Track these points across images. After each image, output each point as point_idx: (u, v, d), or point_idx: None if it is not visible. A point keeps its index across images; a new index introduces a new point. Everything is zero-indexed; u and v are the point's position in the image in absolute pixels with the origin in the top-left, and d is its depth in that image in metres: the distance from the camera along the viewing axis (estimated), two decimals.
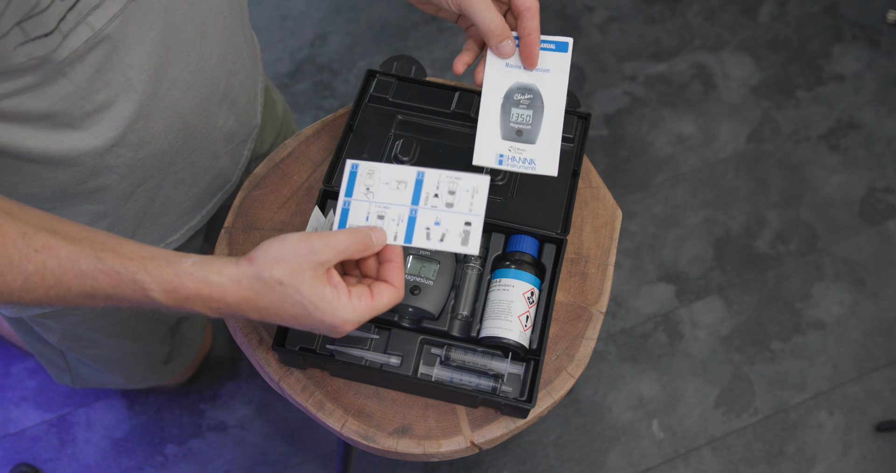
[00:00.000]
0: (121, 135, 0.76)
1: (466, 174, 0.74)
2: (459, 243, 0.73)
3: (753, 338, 1.62)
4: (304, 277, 0.63)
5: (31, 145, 0.72)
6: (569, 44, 0.82)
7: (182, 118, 0.82)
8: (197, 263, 0.63)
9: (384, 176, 0.74)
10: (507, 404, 0.82)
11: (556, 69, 0.82)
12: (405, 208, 0.73)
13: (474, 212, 0.73)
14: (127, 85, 0.73)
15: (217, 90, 0.85)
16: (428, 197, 0.74)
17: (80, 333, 1.08)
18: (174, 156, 0.86)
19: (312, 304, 0.63)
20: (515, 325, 0.83)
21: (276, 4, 1.94)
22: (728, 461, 1.53)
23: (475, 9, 0.76)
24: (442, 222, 0.73)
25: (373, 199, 0.74)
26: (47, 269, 0.60)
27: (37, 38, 0.62)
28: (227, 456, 1.52)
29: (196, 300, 0.63)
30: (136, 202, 0.87)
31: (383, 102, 0.95)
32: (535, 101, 0.82)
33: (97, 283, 0.61)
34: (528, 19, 0.78)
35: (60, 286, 0.61)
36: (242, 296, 0.63)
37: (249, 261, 0.63)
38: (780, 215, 1.73)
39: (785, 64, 1.89)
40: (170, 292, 0.62)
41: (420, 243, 0.72)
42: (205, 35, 0.79)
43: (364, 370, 0.84)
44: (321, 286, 0.63)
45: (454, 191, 0.74)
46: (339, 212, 0.73)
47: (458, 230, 0.73)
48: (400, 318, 0.87)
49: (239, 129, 0.95)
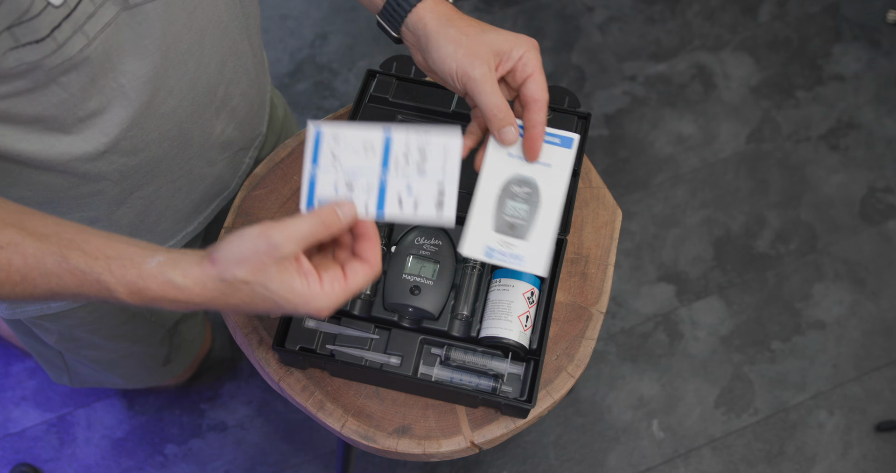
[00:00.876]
0: (113, 141, 0.75)
1: (437, 131, 0.69)
2: (434, 209, 0.68)
3: (753, 338, 1.62)
4: (269, 273, 0.61)
5: (21, 148, 0.71)
6: (574, 140, 0.79)
7: (178, 126, 0.81)
8: (162, 263, 0.61)
9: (350, 139, 0.69)
10: (507, 404, 0.82)
11: (558, 165, 0.78)
12: (374, 176, 0.69)
13: (448, 174, 0.69)
14: (120, 92, 0.72)
15: (214, 99, 0.84)
16: (398, 161, 0.69)
17: (77, 335, 1.08)
18: (169, 163, 0.85)
19: (282, 298, 0.62)
20: (515, 325, 0.83)
21: (276, 4, 1.94)
22: (728, 461, 1.53)
23: (480, 90, 0.73)
24: (414, 187, 0.69)
25: (340, 167, 0.69)
26: (12, 266, 0.60)
27: (28, 43, 0.62)
28: (227, 456, 1.52)
29: (161, 301, 0.62)
30: (131, 209, 0.87)
31: (383, 102, 0.95)
32: (532, 195, 0.78)
33: (62, 282, 0.61)
34: (535, 111, 0.74)
35: (26, 284, 0.61)
36: (208, 297, 0.62)
37: (212, 262, 0.61)
38: (780, 215, 1.73)
39: (785, 64, 1.89)
40: (134, 294, 0.61)
41: (393, 214, 0.68)
42: (203, 44, 0.78)
43: (364, 370, 0.84)
44: (289, 279, 0.62)
45: (424, 151, 0.69)
46: (305, 184, 0.69)
47: (433, 197, 0.68)
48: (400, 318, 0.87)
49: (239, 137, 0.94)
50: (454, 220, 0.68)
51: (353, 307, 0.86)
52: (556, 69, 1.87)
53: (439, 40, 0.74)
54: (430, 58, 0.75)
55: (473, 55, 0.73)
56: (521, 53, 0.74)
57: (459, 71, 0.73)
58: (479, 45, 0.73)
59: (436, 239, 0.87)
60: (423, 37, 0.75)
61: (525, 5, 1.92)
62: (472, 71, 0.72)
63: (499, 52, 0.74)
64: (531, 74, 0.74)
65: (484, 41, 0.73)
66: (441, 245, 0.87)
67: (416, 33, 0.76)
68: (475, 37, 0.73)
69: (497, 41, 0.74)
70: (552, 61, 1.87)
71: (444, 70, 0.74)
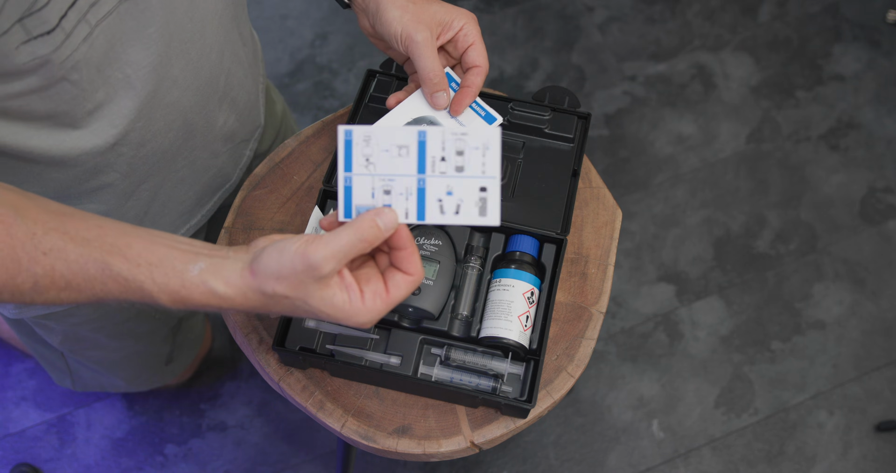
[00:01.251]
0: (122, 133, 0.76)
1: (474, 129, 0.67)
2: (477, 213, 0.66)
3: (753, 338, 1.62)
4: (309, 290, 0.61)
5: (33, 145, 0.72)
6: (497, 120, 0.83)
7: (183, 116, 0.82)
8: (204, 271, 0.61)
9: (383, 142, 0.67)
10: (507, 404, 0.82)
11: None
12: (412, 179, 0.66)
13: (488, 174, 0.66)
14: (126, 82, 0.73)
15: (217, 89, 0.85)
16: (435, 162, 0.66)
17: (81, 334, 1.08)
18: (175, 154, 0.86)
19: (324, 313, 0.62)
20: (515, 325, 0.83)
21: (276, 4, 1.94)
22: (728, 461, 1.53)
23: (420, 54, 0.78)
24: (454, 190, 0.66)
25: (375, 171, 0.66)
26: (56, 272, 0.60)
27: (39, 36, 0.62)
28: (227, 456, 1.52)
29: (206, 308, 0.63)
30: (138, 201, 0.88)
31: (384, 102, 0.95)
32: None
33: (106, 288, 0.61)
34: (474, 75, 0.81)
35: (71, 289, 0.61)
36: (253, 305, 0.63)
37: (252, 273, 0.61)
38: (780, 215, 1.73)
39: (785, 64, 1.89)
40: (178, 302, 0.62)
41: (434, 220, 0.66)
42: (204, 33, 0.79)
43: (364, 370, 0.84)
44: (329, 296, 0.62)
45: (462, 151, 0.66)
46: (341, 191, 0.66)
47: (474, 199, 0.66)
48: (400, 318, 0.87)
49: (240, 128, 0.95)
50: (499, 221, 0.66)
51: None
52: (556, 69, 1.87)
53: (388, 5, 0.79)
54: (378, 21, 0.80)
55: (418, 21, 0.78)
56: (461, 24, 0.80)
57: (403, 34, 0.78)
58: (423, 13, 0.79)
59: (436, 239, 0.87)
60: (374, 2, 0.80)
61: (525, 5, 1.92)
62: (415, 35, 0.78)
63: (441, 22, 0.80)
64: (472, 43, 0.81)
65: (428, 10, 0.80)
66: (441, 245, 0.87)
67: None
68: (421, 6, 0.80)
69: (440, 12, 0.80)
70: (552, 61, 1.87)
71: (389, 32, 0.79)
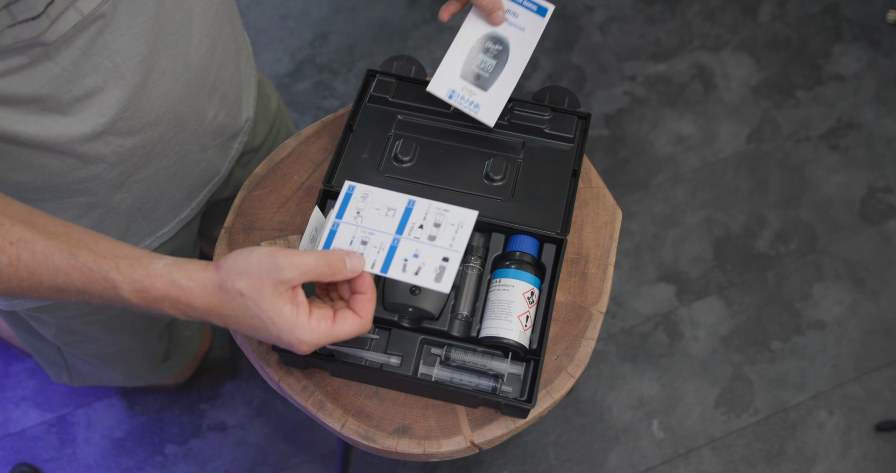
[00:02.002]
0: (110, 122, 0.77)
1: (455, 208, 0.74)
2: (433, 279, 0.71)
3: (753, 338, 1.62)
4: (264, 292, 0.63)
5: (19, 130, 0.72)
6: (548, 10, 0.89)
7: (173, 108, 0.82)
8: (168, 265, 0.63)
9: (376, 201, 0.75)
10: (507, 404, 0.82)
11: (530, 30, 0.89)
12: (388, 237, 0.73)
13: (454, 248, 0.73)
14: (115, 71, 0.73)
15: (206, 82, 0.86)
16: (413, 227, 0.74)
17: (75, 327, 1.08)
18: (165, 147, 0.86)
19: (270, 319, 0.64)
20: (515, 325, 0.83)
21: (276, 4, 1.94)
22: (728, 461, 1.53)
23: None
24: (421, 254, 0.73)
25: (360, 223, 0.74)
26: (21, 262, 0.61)
27: (24, 21, 0.63)
28: (227, 456, 1.52)
29: (164, 302, 0.63)
30: (128, 194, 0.88)
31: (383, 102, 0.95)
32: (502, 53, 0.89)
33: (69, 278, 0.62)
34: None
35: (33, 279, 0.62)
36: (208, 302, 0.64)
37: (217, 268, 0.64)
38: (780, 215, 1.73)
39: (785, 64, 1.89)
40: (139, 292, 0.63)
41: (395, 275, 0.71)
42: (192, 25, 0.79)
43: (364, 370, 0.84)
44: (280, 304, 0.63)
45: (440, 224, 0.74)
46: (325, 232, 0.73)
47: (435, 265, 0.72)
48: (400, 318, 0.87)
49: (230, 122, 0.96)
50: (448, 290, 0.71)
51: None
52: (556, 69, 1.87)
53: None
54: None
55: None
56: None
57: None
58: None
59: None
60: None
61: None
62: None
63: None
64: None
65: None
66: None
67: None
68: None
69: None
70: (552, 61, 1.87)
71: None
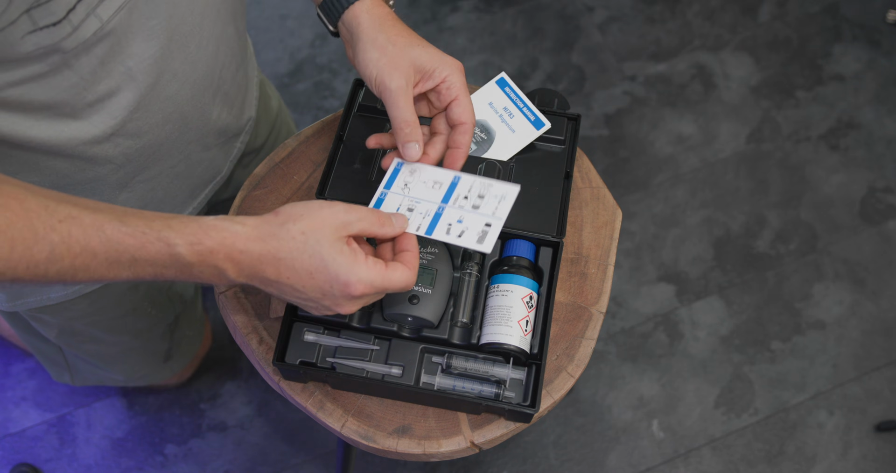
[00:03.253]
0: (119, 124, 0.77)
1: (499, 182, 0.76)
2: (476, 240, 0.74)
3: (753, 338, 1.62)
4: (325, 232, 0.65)
5: (32, 135, 0.72)
6: (545, 126, 0.92)
7: (179, 109, 0.82)
8: (221, 217, 0.65)
9: (424, 175, 0.77)
10: (510, 410, 0.82)
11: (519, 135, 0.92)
12: (433, 205, 0.76)
13: (497, 216, 0.75)
14: (128, 75, 0.73)
15: (212, 82, 0.86)
16: (458, 198, 0.76)
17: (77, 328, 1.08)
18: (170, 147, 0.86)
19: (331, 255, 0.65)
20: (515, 330, 0.83)
21: (276, 4, 1.94)
22: (728, 461, 1.53)
23: (392, 103, 0.75)
24: (464, 220, 0.75)
25: (408, 193, 0.77)
26: (72, 237, 0.60)
27: (45, 27, 0.63)
28: (227, 456, 1.52)
29: (219, 252, 0.64)
30: (133, 194, 0.88)
31: (372, 110, 0.95)
32: (484, 143, 0.92)
33: (122, 246, 0.61)
34: (460, 134, 0.77)
35: (86, 254, 0.61)
36: (263, 246, 0.64)
37: (275, 214, 0.66)
38: (780, 215, 1.73)
39: (785, 64, 1.89)
40: (194, 246, 0.63)
41: (439, 236, 0.74)
42: (203, 27, 0.79)
43: (366, 382, 0.83)
44: (340, 244, 0.65)
45: (483, 195, 0.76)
46: (373, 201, 0.76)
47: (478, 229, 0.75)
48: (399, 328, 0.86)
49: (233, 122, 0.96)
50: (490, 251, 0.74)
51: (352, 319, 0.86)
52: (556, 69, 1.87)
53: (366, 44, 0.76)
54: (356, 59, 0.77)
55: (394, 66, 0.75)
56: (444, 75, 0.76)
57: (378, 79, 0.75)
58: (402, 58, 0.75)
59: (432, 247, 0.87)
60: (355, 36, 0.78)
61: (525, 5, 1.92)
62: (389, 82, 0.74)
63: (420, 70, 0.76)
64: (456, 98, 0.77)
65: (408, 55, 0.75)
66: (438, 253, 0.86)
67: (350, 30, 0.79)
68: (401, 48, 0.75)
69: (422, 58, 0.76)
70: (552, 61, 1.87)
71: (364, 74, 0.77)
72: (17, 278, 0.60)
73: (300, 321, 0.87)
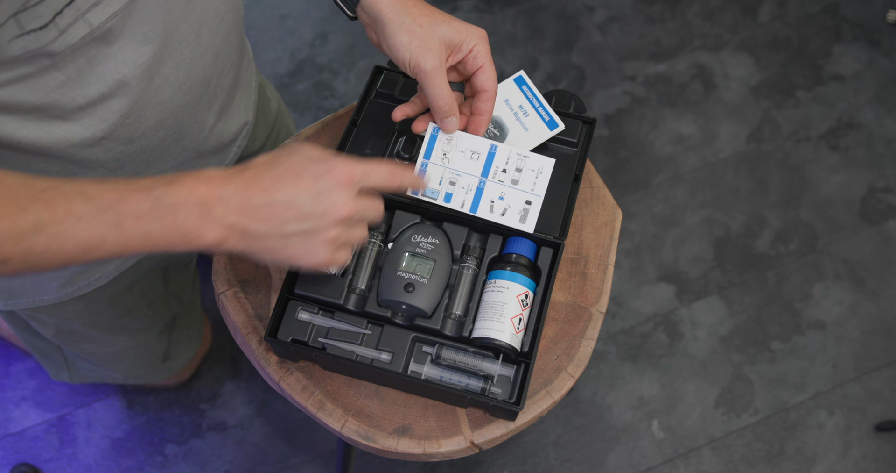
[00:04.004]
0: (111, 128, 0.76)
1: (534, 155, 0.82)
2: (518, 219, 0.82)
3: (753, 338, 1.62)
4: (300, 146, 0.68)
5: (21, 136, 0.72)
6: (558, 127, 0.91)
7: (173, 116, 0.82)
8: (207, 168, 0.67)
9: (461, 144, 0.82)
10: (495, 405, 0.82)
11: (532, 134, 0.91)
12: (475, 179, 0.81)
13: (536, 192, 0.81)
14: (119, 79, 0.73)
15: (208, 89, 0.86)
16: (497, 171, 0.82)
17: (74, 327, 1.08)
18: (163, 153, 0.86)
19: (308, 150, 0.68)
20: (508, 327, 0.83)
21: (276, 4, 1.94)
22: (728, 461, 1.53)
23: (429, 83, 0.78)
24: (506, 197, 0.82)
25: (448, 164, 0.82)
26: (55, 202, 0.60)
27: (32, 31, 0.63)
28: (227, 456, 1.52)
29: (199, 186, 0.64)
30: None
31: (389, 98, 0.95)
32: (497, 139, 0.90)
33: (104, 204, 0.61)
34: (483, 101, 0.81)
35: (71, 218, 0.61)
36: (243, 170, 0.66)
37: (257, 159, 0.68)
38: (780, 215, 1.73)
39: (785, 64, 1.89)
40: (172, 184, 0.63)
41: (483, 214, 0.80)
42: (200, 35, 0.79)
43: (355, 365, 0.84)
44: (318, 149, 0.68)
45: (521, 169, 0.82)
46: (416, 171, 0.80)
47: (519, 208, 0.82)
48: (393, 315, 0.87)
49: (229, 129, 0.96)
50: (533, 230, 0.81)
51: (347, 301, 0.87)
52: (556, 69, 1.87)
53: (394, 29, 0.78)
54: (386, 43, 0.79)
55: (426, 48, 0.77)
56: (471, 46, 0.80)
57: (412, 62, 0.78)
58: (431, 38, 0.77)
59: (433, 237, 0.87)
60: (379, 22, 0.79)
61: (525, 5, 1.92)
62: (424, 64, 0.77)
63: (450, 45, 0.79)
64: (482, 66, 0.80)
65: (437, 33, 0.78)
66: (438, 244, 0.87)
67: (372, 16, 0.80)
68: (429, 28, 0.78)
69: (449, 33, 0.78)
70: (552, 61, 1.87)
71: (396, 58, 0.79)
72: (7, 256, 0.60)
73: (295, 300, 0.87)
